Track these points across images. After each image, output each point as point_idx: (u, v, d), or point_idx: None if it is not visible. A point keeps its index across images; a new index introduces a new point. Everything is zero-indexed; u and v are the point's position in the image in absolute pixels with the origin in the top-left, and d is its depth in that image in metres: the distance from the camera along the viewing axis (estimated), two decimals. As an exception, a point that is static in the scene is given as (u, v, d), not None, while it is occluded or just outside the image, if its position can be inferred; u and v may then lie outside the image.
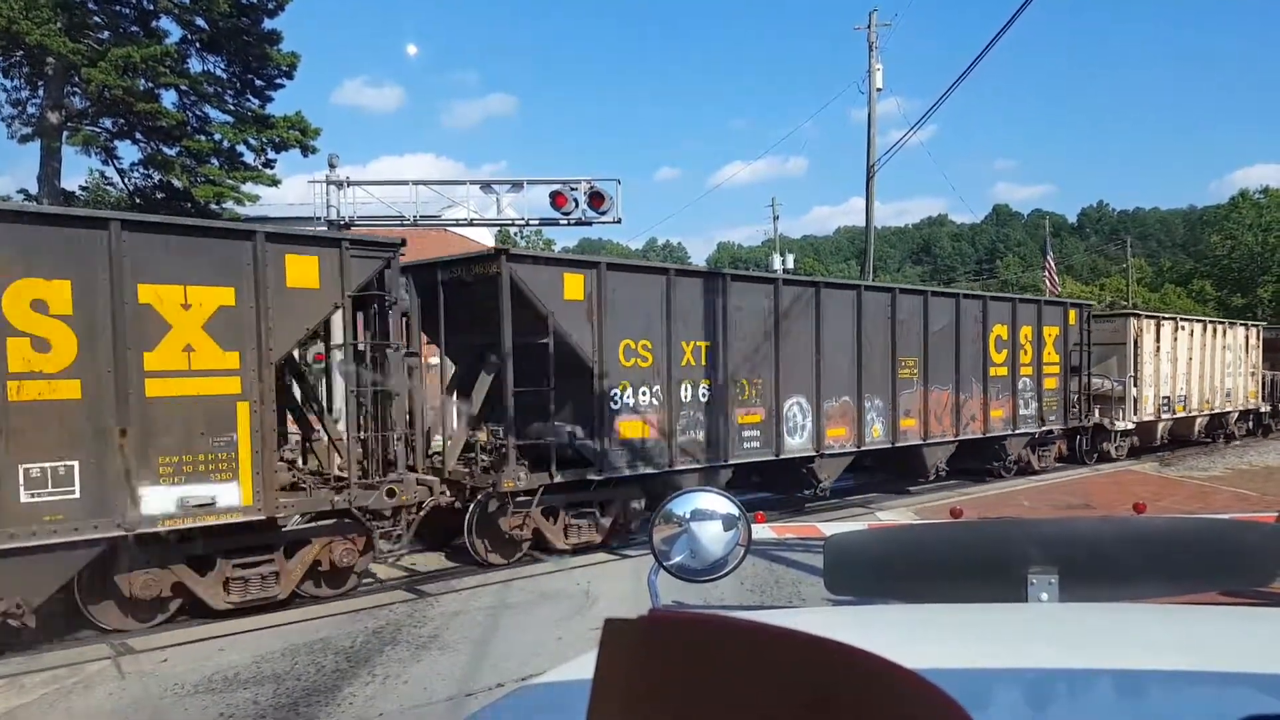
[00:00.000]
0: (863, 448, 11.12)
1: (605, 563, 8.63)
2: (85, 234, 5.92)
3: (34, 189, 19.31)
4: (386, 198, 17.04)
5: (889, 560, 1.64)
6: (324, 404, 8.51)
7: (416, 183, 16.80)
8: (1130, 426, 16.05)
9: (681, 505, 1.70)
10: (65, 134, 19.25)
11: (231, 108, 20.92)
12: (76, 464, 5.78)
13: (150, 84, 19.13)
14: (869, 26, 21.36)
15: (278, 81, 21.35)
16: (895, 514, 10.79)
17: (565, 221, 16.42)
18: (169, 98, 20.20)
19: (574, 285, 8.43)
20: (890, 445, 11.50)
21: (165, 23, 19.82)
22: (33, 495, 5.63)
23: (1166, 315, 18.21)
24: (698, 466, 9.33)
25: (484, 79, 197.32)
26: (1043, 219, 73.89)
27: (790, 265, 30.56)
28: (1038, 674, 1.03)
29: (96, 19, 18.83)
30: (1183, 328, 17.51)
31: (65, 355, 5.76)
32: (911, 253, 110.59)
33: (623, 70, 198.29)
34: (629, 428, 8.82)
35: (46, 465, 5.67)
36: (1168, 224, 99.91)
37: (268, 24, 20.54)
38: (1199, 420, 18.42)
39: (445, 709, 4.83)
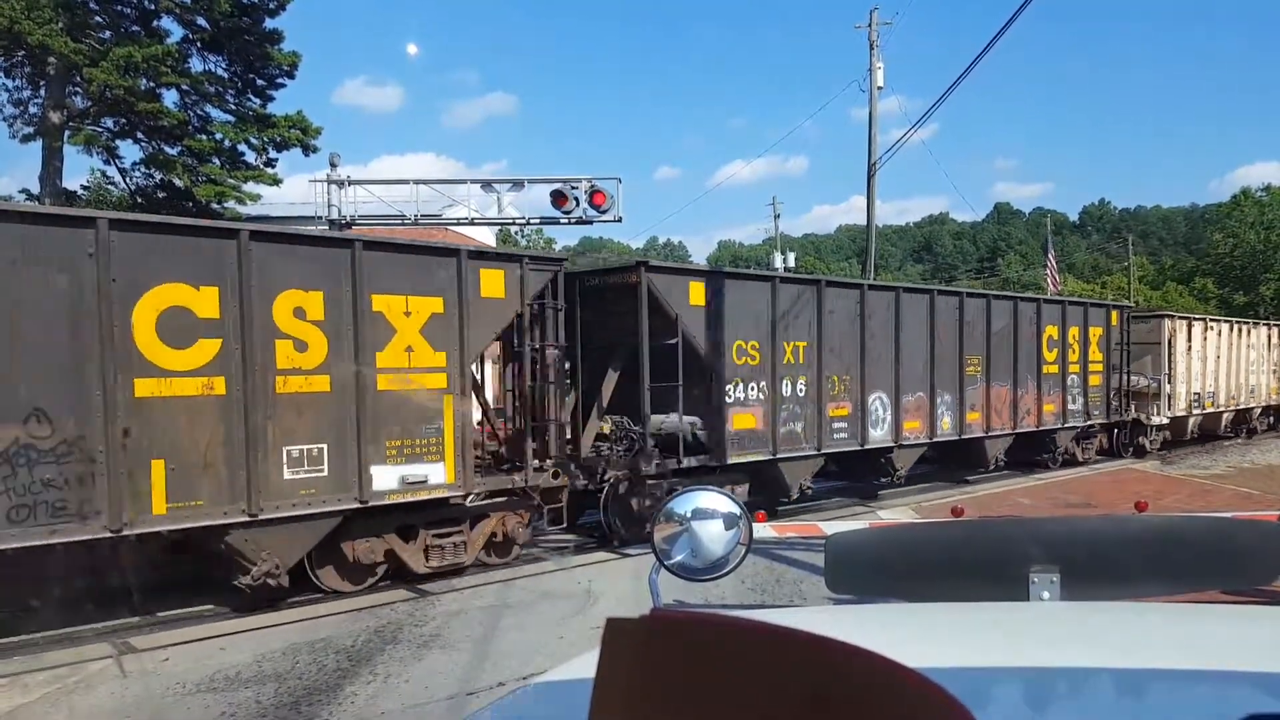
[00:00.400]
0: (934, 439, 11.97)
1: (606, 562, 8.63)
2: (335, 253, 7.11)
3: (36, 189, 19.33)
4: (387, 197, 17.04)
5: (890, 559, 1.64)
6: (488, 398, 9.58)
7: (417, 182, 16.80)
8: (1165, 421, 16.89)
9: (682, 504, 1.70)
10: (67, 134, 19.25)
11: (233, 107, 20.91)
12: (325, 446, 6.94)
13: (152, 83, 19.12)
14: (869, 25, 21.34)
15: (279, 81, 21.34)
16: (896, 513, 10.79)
17: (566, 220, 16.40)
18: (170, 97, 20.21)
19: (697, 292, 9.45)
20: (957, 438, 12.42)
21: (166, 22, 19.82)
22: (293, 473, 6.77)
23: (1196, 316, 19.26)
24: (796, 455, 10.34)
25: (484, 78, 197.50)
26: (1044, 217, 73.87)
27: (791, 264, 30.53)
28: (1039, 673, 1.03)
29: (98, 19, 18.83)
30: (1211, 328, 18.39)
31: (318, 354, 6.89)
32: (913, 251, 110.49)
33: (623, 69, 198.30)
34: (740, 419, 9.81)
35: (303, 447, 6.86)
36: (1169, 222, 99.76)
37: (269, 23, 20.54)
38: (1225, 415, 19.31)
39: (446, 708, 4.83)
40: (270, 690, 5.12)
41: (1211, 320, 19.00)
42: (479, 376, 9.47)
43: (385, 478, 7.21)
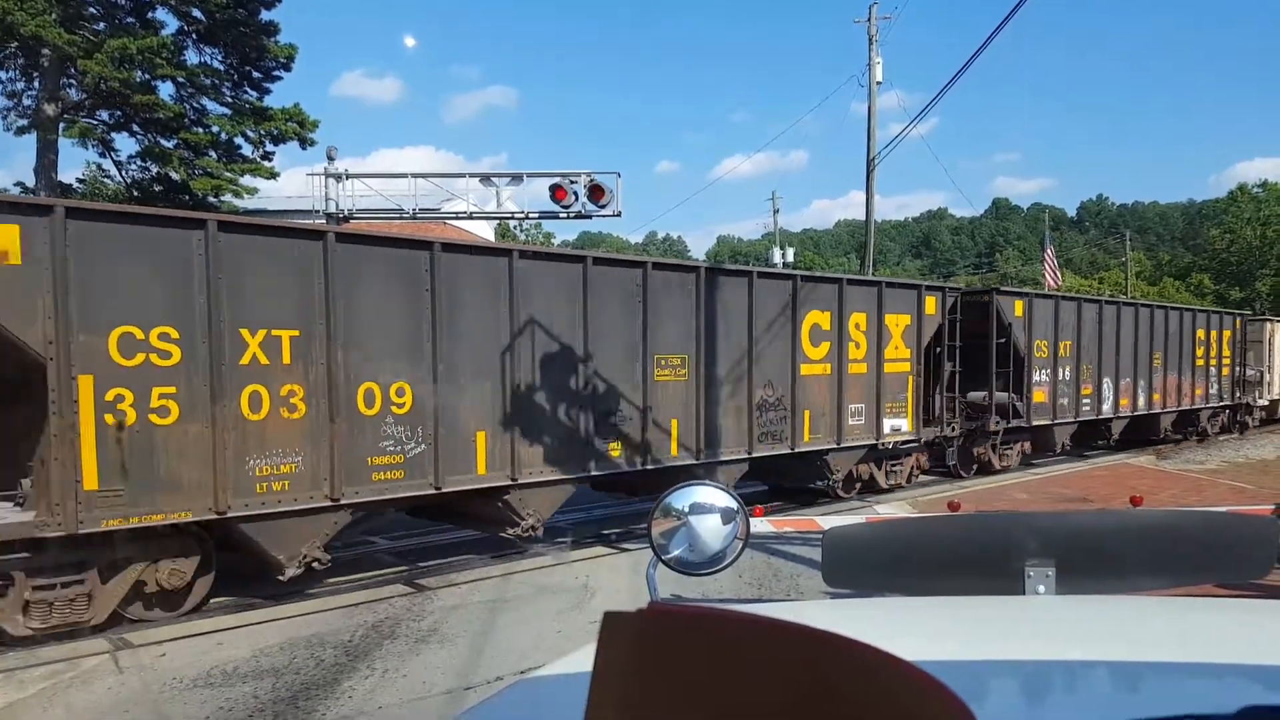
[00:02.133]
0: (1134, 414, 16.44)
1: (604, 556, 8.65)
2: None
3: (31, 181, 19.26)
4: (385, 190, 17.02)
5: (887, 554, 1.64)
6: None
7: (416, 175, 16.77)
8: (1266, 403, 21.99)
9: (680, 499, 1.70)
10: (62, 126, 19.16)
11: (229, 100, 20.83)
12: (863, 406, 11.25)
13: (147, 76, 19.03)
14: (869, 20, 21.31)
15: (275, 73, 21.26)
16: (893, 507, 10.82)
17: (565, 215, 16.38)
18: (166, 90, 20.12)
19: (1020, 307, 13.60)
20: (1146, 412, 16.83)
21: (162, 14, 19.74)
22: (854, 421, 11.26)
23: None
24: (1064, 421, 14.55)
25: (484, 71, 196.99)
26: (1043, 212, 73.89)
27: (790, 259, 30.50)
28: (1035, 666, 1.04)
29: (92, 10, 18.73)
30: None
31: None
32: (911, 246, 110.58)
33: (624, 63, 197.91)
34: (1038, 395, 13.90)
35: (858, 406, 11.27)
36: (1167, 218, 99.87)
37: (265, 15, 20.46)
38: None
39: (444, 702, 4.84)
40: (268, 685, 5.13)
41: None
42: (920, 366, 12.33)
43: (888, 426, 11.47)
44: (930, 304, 11.97)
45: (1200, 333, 18.40)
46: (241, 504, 6.41)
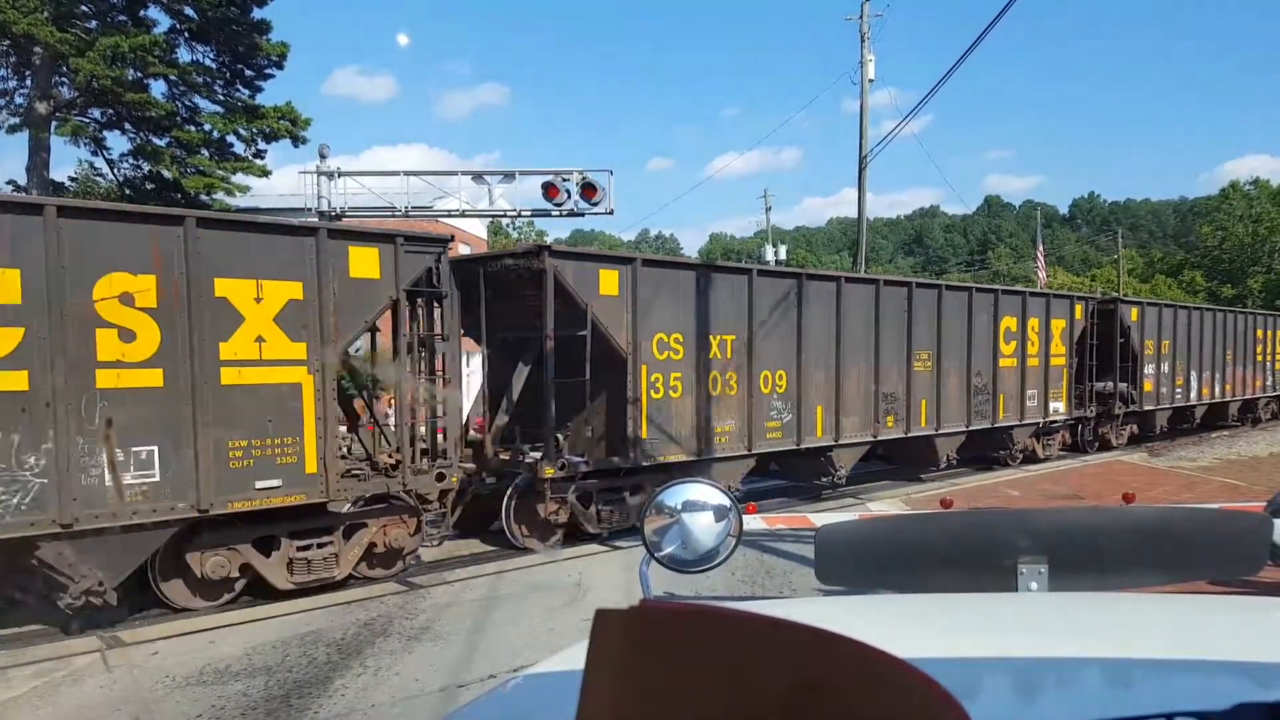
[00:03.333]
0: (1212, 401, 19.78)
1: (597, 554, 8.65)
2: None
3: (23, 180, 19.14)
4: (378, 188, 16.99)
5: (879, 551, 1.64)
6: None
7: (408, 173, 16.75)
8: None
9: (673, 496, 1.70)
10: (54, 124, 19.05)
11: (221, 98, 20.74)
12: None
13: (139, 74, 18.93)
14: (861, 17, 21.33)
15: (267, 71, 21.17)
16: (886, 504, 10.84)
17: (557, 213, 16.38)
18: (158, 88, 20.01)
19: (1135, 313, 16.88)
20: (1224, 400, 20.33)
21: (154, 12, 19.62)
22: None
23: None
24: (1162, 408, 17.71)
25: (476, 69, 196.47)
26: (1035, 210, 74.12)
27: (783, 256, 30.55)
28: (1028, 663, 1.04)
29: (84, 8, 18.61)
30: None
31: None
32: (904, 244, 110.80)
33: (616, 60, 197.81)
34: (1146, 385, 17.24)
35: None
36: (1159, 215, 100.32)
37: (257, 13, 20.36)
38: None
39: (437, 700, 4.83)
40: (260, 683, 5.11)
41: None
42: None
43: (1052, 408, 14.12)
44: (1079, 311, 15.36)
45: (1259, 332, 21.73)
46: (710, 452, 9.88)
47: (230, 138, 20.79)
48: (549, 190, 15.94)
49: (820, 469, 11.40)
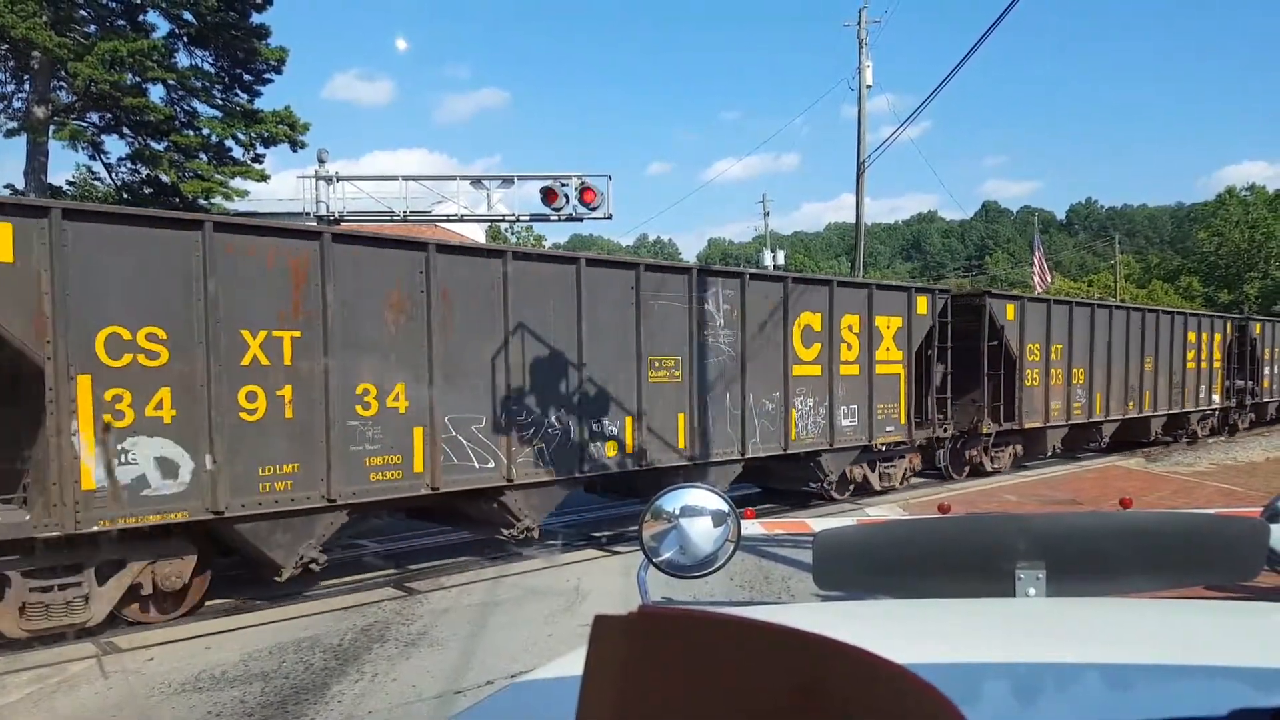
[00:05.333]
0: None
1: (595, 559, 8.63)
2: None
3: (20, 184, 19.13)
4: (376, 193, 16.98)
5: (877, 556, 1.64)
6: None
7: (407, 178, 16.75)
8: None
9: (671, 502, 1.70)
10: (52, 128, 19.06)
11: (220, 102, 20.76)
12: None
13: (138, 78, 18.95)
14: (859, 23, 21.40)
15: (266, 76, 21.21)
16: (884, 509, 10.84)
17: (556, 217, 16.39)
18: (157, 92, 20.04)
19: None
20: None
21: (153, 16, 19.65)
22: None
23: None
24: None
25: (476, 73, 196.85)
26: (1032, 215, 74.26)
27: (781, 261, 30.58)
28: (1025, 668, 1.04)
29: (83, 12, 18.64)
30: None
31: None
32: (902, 249, 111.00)
33: (616, 65, 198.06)
34: (1265, 383, 21.49)
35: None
36: (1155, 221, 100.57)
37: (256, 18, 20.41)
38: None
39: (434, 706, 4.81)
40: (256, 689, 5.09)
41: None
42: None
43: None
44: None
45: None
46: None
47: (229, 142, 20.83)
48: (548, 195, 15.96)
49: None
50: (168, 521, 6.18)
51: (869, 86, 21.36)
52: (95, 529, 5.86)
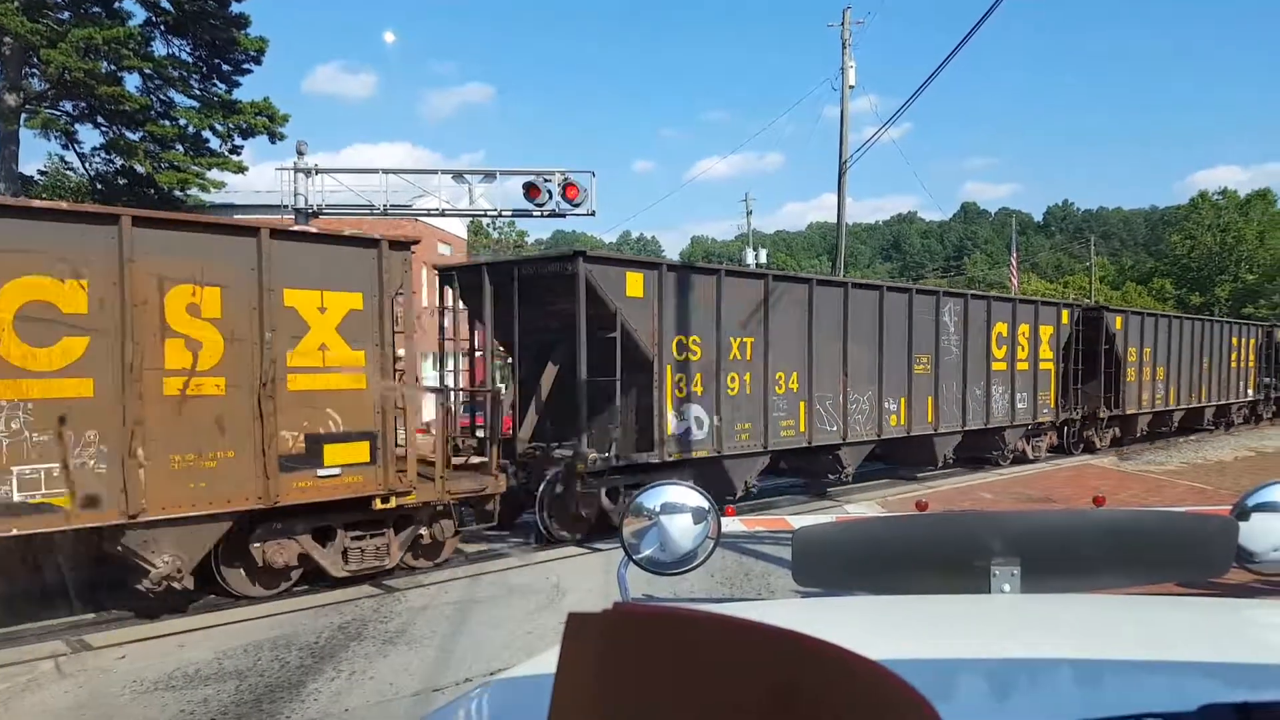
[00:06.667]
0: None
1: (576, 556, 8.62)
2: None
3: (-11, 173, 18.76)
4: (357, 186, 16.81)
5: (855, 553, 1.65)
6: None
7: (387, 171, 16.59)
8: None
9: (651, 499, 1.69)
10: (23, 117, 18.71)
11: (197, 92, 20.48)
12: None
13: (113, 67, 18.65)
14: (842, 24, 21.49)
15: (245, 66, 20.96)
16: (862, 507, 10.91)
17: (539, 213, 16.31)
18: (132, 81, 19.73)
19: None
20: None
21: (129, 4, 19.37)
22: None
23: None
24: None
25: (461, 68, 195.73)
26: (1010, 217, 74.99)
27: (763, 260, 30.68)
28: (1000, 664, 1.04)
29: (56, -1, 18.32)
30: None
31: None
32: (881, 249, 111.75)
33: (602, 62, 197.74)
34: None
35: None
36: (1130, 223, 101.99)
37: (235, 7, 20.15)
38: None
39: (412, 704, 4.79)
40: (230, 688, 5.04)
41: None
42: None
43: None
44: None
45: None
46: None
47: (206, 133, 20.55)
48: (530, 190, 15.86)
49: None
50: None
51: (851, 87, 21.47)
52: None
